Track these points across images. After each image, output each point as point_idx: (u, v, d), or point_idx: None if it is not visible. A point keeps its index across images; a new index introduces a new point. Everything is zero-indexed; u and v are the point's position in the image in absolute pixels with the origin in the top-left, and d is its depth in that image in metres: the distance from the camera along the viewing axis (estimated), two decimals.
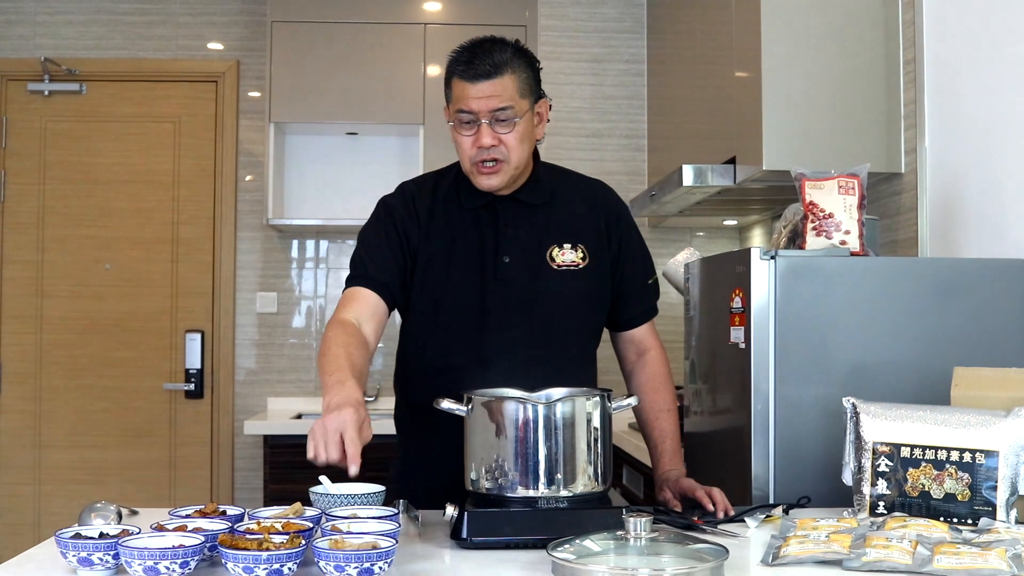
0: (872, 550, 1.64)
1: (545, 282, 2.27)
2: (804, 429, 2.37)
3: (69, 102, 5.06)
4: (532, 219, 2.29)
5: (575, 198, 2.37)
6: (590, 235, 2.32)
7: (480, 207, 2.30)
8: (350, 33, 4.74)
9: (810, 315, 2.39)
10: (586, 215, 2.35)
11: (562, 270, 2.28)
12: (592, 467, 1.84)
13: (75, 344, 5.02)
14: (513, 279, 2.26)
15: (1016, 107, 2.57)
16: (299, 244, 5.12)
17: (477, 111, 2.16)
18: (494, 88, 2.15)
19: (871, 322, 2.41)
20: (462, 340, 2.27)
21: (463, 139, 2.20)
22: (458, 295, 2.27)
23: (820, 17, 3.14)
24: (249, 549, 1.50)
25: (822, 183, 2.49)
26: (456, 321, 2.26)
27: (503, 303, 2.25)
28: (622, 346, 2.48)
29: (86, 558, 1.56)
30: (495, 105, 2.15)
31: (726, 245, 5.04)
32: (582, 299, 2.30)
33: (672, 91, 4.52)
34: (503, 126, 2.17)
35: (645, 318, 2.45)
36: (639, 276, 2.42)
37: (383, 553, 1.52)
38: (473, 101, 2.15)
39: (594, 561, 1.54)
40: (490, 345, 2.25)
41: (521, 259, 2.27)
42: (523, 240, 2.27)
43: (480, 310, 2.25)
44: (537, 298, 2.26)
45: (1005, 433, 1.88)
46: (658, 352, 2.46)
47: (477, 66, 2.15)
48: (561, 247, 2.28)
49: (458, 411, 1.88)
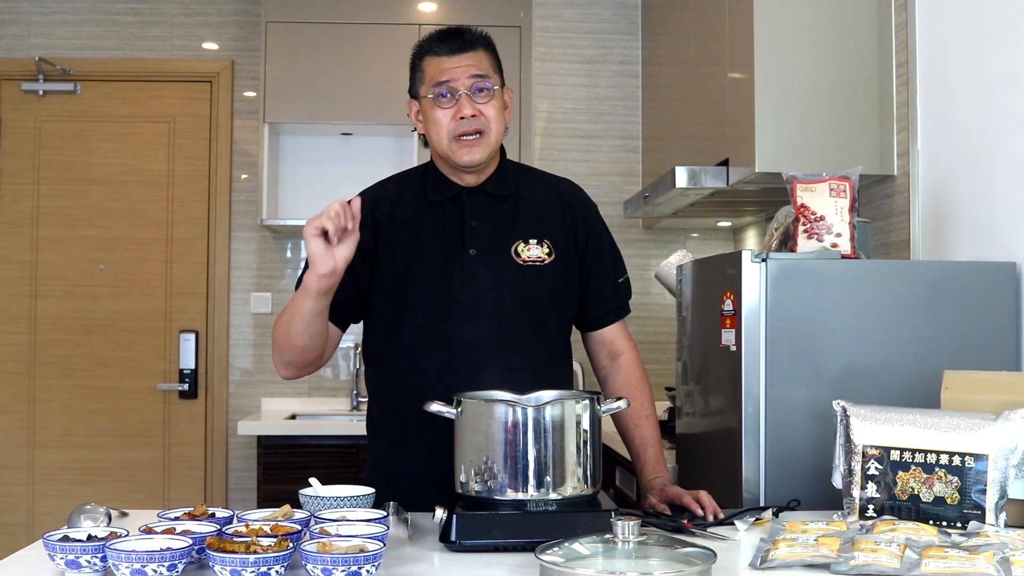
0: (860, 554, 1.64)
1: (510, 276, 2.26)
2: (795, 432, 2.37)
3: (63, 102, 5.06)
4: (498, 213, 2.29)
5: (541, 194, 2.37)
6: (556, 231, 2.32)
7: (447, 200, 2.30)
8: (345, 34, 4.74)
9: (801, 318, 2.39)
10: (552, 211, 2.34)
11: (527, 265, 2.27)
12: (581, 470, 1.84)
13: (69, 344, 5.01)
14: (478, 272, 2.25)
15: (1008, 110, 2.57)
16: (293, 245, 5.12)
17: (456, 80, 2.19)
18: (472, 59, 2.21)
19: (862, 325, 2.41)
20: (428, 333, 2.25)
21: (441, 113, 2.21)
22: (423, 287, 2.25)
23: (813, 19, 3.14)
24: (237, 552, 1.50)
25: (813, 186, 2.49)
26: (421, 314, 2.25)
27: (470, 296, 2.24)
28: (593, 348, 2.46)
29: (74, 560, 1.56)
30: (474, 72, 2.20)
31: (720, 247, 5.04)
32: (547, 294, 2.29)
33: (666, 92, 4.52)
34: (483, 96, 2.21)
35: (614, 317, 2.43)
36: (608, 274, 2.40)
37: (371, 556, 1.52)
38: (452, 71, 2.19)
39: (582, 564, 1.54)
40: (456, 337, 2.23)
41: (487, 252, 2.26)
42: (489, 233, 2.27)
43: (446, 302, 2.24)
44: (502, 292, 2.25)
45: (995, 437, 1.88)
46: (631, 355, 2.43)
47: (454, 41, 2.22)
48: (527, 242, 2.28)
49: (447, 414, 1.88)
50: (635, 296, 2.52)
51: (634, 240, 5.00)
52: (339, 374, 5.09)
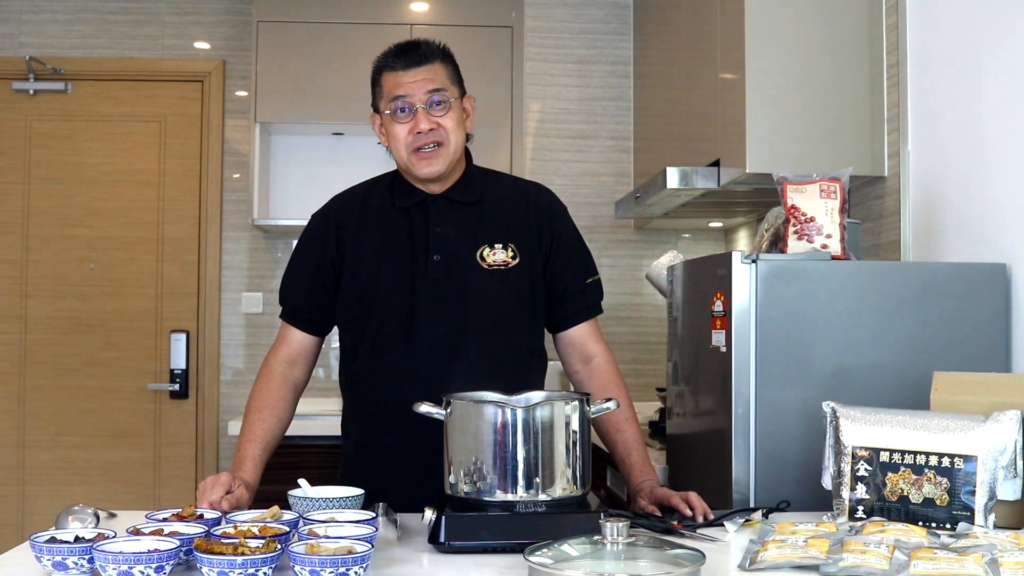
0: (849, 555, 1.65)
1: (475, 281, 2.29)
2: (785, 433, 2.37)
3: (54, 101, 5.04)
4: (463, 219, 2.32)
5: (507, 199, 2.40)
6: (521, 234, 2.35)
7: (412, 206, 2.34)
8: (336, 33, 4.73)
9: (791, 319, 2.39)
10: (517, 215, 2.37)
11: (492, 269, 2.31)
12: (571, 471, 1.84)
13: (59, 344, 5.00)
14: (443, 277, 2.29)
15: (999, 111, 2.57)
16: (285, 244, 5.11)
17: (412, 95, 2.23)
18: (427, 73, 2.25)
19: (852, 326, 2.41)
20: (393, 339, 2.29)
21: (399, 128, 2.26)
22: (389, 294, 2.29)
23: (804, 20, 3.14)
24: (224, 553, 1.50)
25: (804, 187, 2.50)
26: (388, 320, 2.28)
27: (433, 301, 2.28)
28: (564, 350, 2.46)
29: (60, 562, 1.56)
30: (429, 87, 2.24)
31: (712, 247, 5.04)
32: (512, 297, 2.32)
33: (658, 93, 4.52)
34: (439, 109, 2.25)
35: (582, 317, 2.43)
36: (575, 274, 2.41)
37: (359, 558, 1.52)
38: (408, 86, 2.24)
39: (570, 566, 1.54)
40: (420, 343, 2.27)
41: (451, 258, 2.30)
42: (453, 239, 2.30)
43: (410, 308, 2.28)
44: (468, 296, 2.29)
45: (984, 438, 1.88)
46: (605, 358, 2.43)
47: (409, 55, 2.26)
48: (492, 247, 2.32)
49: (437, 415, 1.87)
50: (626, 297, 2.52)
51: (625, 241, 4.99)
52: (331, 374, 5.09)
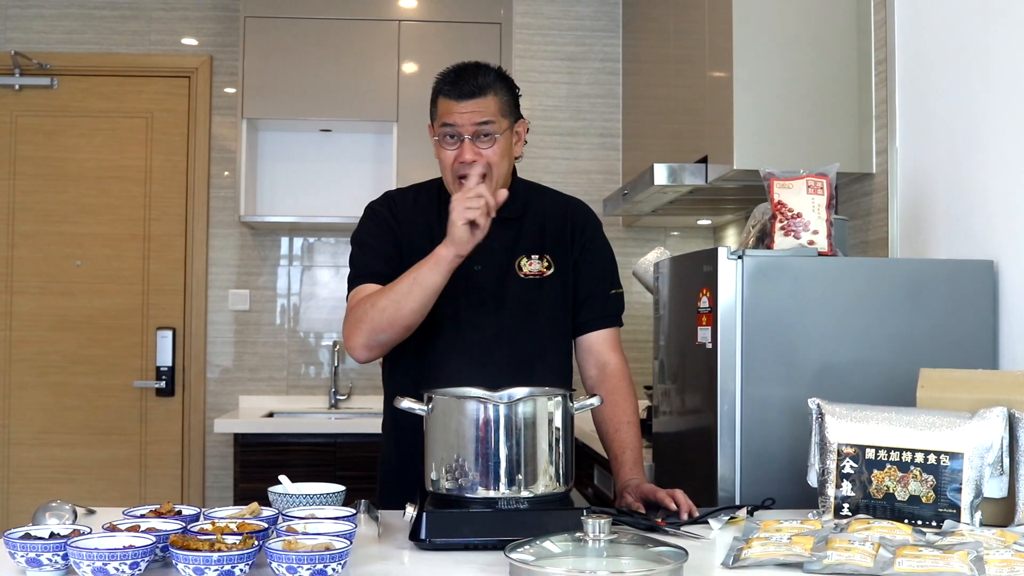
0: (834, 552, 1.63)
1: (512, 289, 2.37)
2: (771, 430, 2.36)
3: (40, 96, 5.01)
4: (504, 231, 2.36)
5: (547, 211, 2.47)
6: (557, 244, 2.43)
7: None
8: (324, 30, 4.72)
9: (777, 315, 2.38)
10: (555, 226, 2.45)
11: (528, 279, 2.39)
12: (553, 468, 1.82)
13: (45, 341, 4.97)
14: (483, 286, 2.36)
15: (986, 108, 2.56)
16: (272, 241, 5.09)
17: (461, 126, 2.28)
18: (477, 106, 2.29)
19: (838, 323, 2.40)
20: (437, 342, 2.36)
21: (446, 153, 2.33)
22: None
23: (792, 17, 3.13)
24: (200, 550, 1.48)
25: (791, 183, 2.48)
26: (431, 324, 2.32)
27: (474, 307, 2.36)
28: (582, 356, 2.50)
29: (35, 559, 1.53)
30: (478, 119, 2.28)
31: (700, 244, 5.03)
32: (546, 305, 2.39)
33: (646, 90, 4.51)
34: (485, 141, 2.30)
35: (601, 324, 2.47)
36: (600, 281, 2.46)
37: (337, 555, 1.50)
38: (457, 116, 2.29)
39: (552, 563, 1.52)
40: (462, 347, 2.34)
41: (491, 267, 2.38)
42: (494, 250, 2.35)
43: (453, 314, 2.35)
44: (504, 304, 2.37)
45: (970, 435, 1.87)
46: (619, 367, 2.46)
47: (462, 86, 2.30)
48: (529, 258, 2.40)
49: (418, 410, 1.86)
50: None
51: (614, 238, 4.89)
52: (320, 371, 5.07)
